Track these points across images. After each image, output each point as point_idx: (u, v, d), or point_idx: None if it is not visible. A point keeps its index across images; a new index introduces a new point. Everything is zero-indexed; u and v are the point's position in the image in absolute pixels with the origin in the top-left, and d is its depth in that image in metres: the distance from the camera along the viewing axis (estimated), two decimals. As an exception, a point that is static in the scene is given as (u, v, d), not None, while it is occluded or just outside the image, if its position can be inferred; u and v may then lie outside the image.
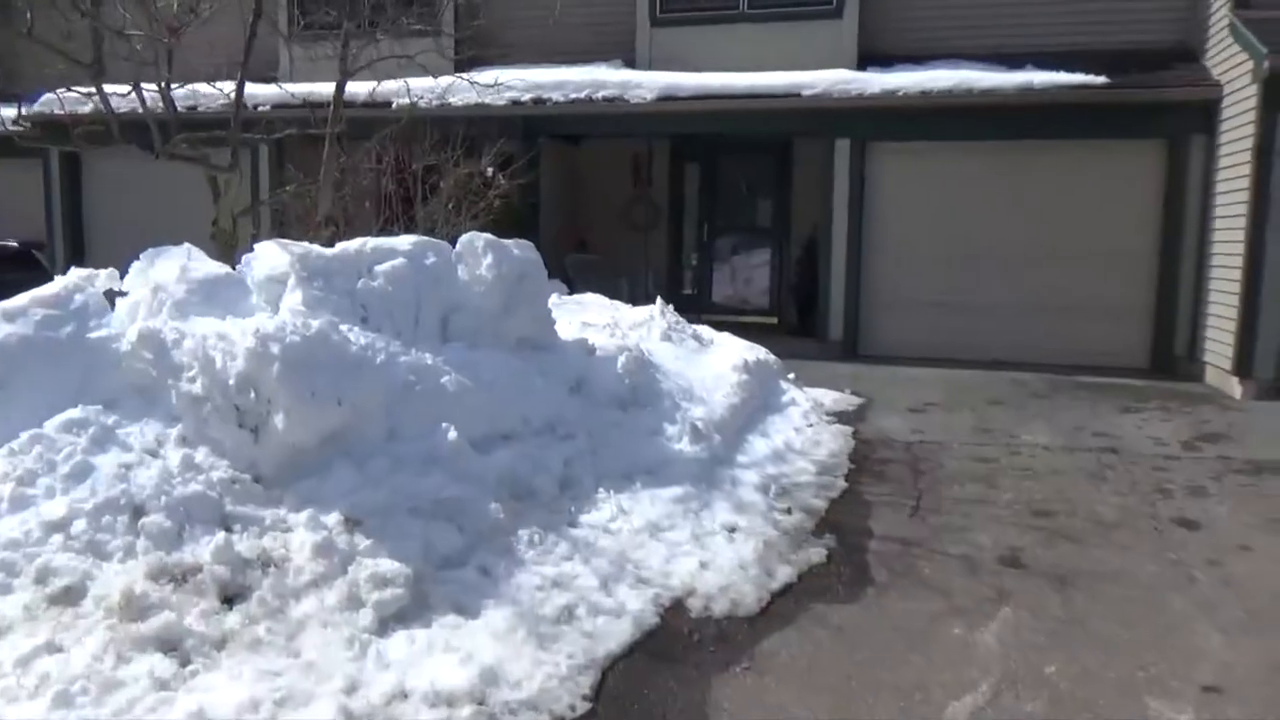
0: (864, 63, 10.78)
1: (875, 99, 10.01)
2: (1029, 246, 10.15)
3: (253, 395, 3.97)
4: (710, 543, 4.66)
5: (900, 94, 9.92)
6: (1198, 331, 9.51)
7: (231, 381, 3.97)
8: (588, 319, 7.74)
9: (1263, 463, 6.30)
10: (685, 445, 5.78)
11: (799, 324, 11.75)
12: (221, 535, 3.59)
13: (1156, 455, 6.49)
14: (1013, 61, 10.14)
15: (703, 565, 4.40)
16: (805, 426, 7.03)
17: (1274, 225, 8.11)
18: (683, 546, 4.59)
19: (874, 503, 5.52)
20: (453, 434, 4.53)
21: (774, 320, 12.51)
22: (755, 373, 7.46)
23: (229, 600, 3.41)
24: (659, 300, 8.33)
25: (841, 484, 5.83)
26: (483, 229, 9.69)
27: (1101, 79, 9.54)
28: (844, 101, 10.07)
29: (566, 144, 12.69)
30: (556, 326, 6.83)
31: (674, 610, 4.02)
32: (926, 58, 10.59)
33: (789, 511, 5.27)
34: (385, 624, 3.48)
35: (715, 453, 5.86)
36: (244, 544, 3.63)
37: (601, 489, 5.03)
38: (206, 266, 4.64)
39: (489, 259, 5.54)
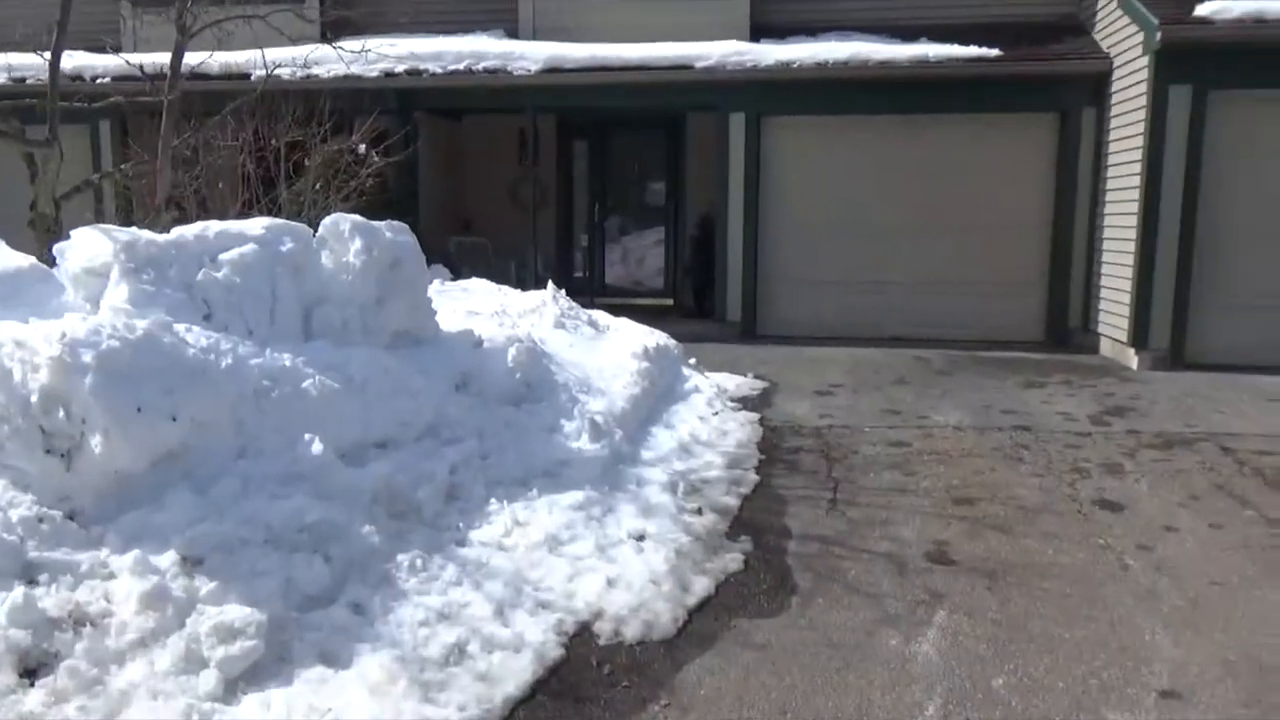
0: (757, 34, 10.45)
1: (770, 71, 9.67)
2: (926, 221, 10.02)
3: (62, 414, 3.27)
4: (617, 555, 4.18)
5: (795, 65, 9.61)
6: (1091, 303, 9.56)
7: (34, 398, 3.27)
8: (474, 306, 7.15)
9: (1171, 435, 6.23)
10: (585, 443, 5.30)
11: (696, 306, 11.39)
12: (21, 590, 2.91)
13: (1068, 432, 6.35)
14: (906, 34, 9.97)
15: (610, 583, 3.93)
16: (710, 415, 6.63)
17: (1166, 197, 8.13)
18: (586, 561, 4.10)
19: (789, 497, 5.16)
20: (317, 446, 3.92)
21: (670, 302, 12.13)
22: (656, 360, 7.02)
23: (30, 673, 2.75)
24: (550, 284, 7.80)
25: (753, 477, 5.45)
26: (355, 211, 8.94)
27: (995, 51, 9.44)
28: (738, 74, 9.69)
29: (447, 119, 11.97)
30: (439, 316, 6.24)
31: (580, 638, 3.54)
32: (821, 30, 10.34)
33: (700, 512, 4.85)
34: (234, 686, 2.87)
35: (617, 450, 5.40)
36: (51, 599, 2.96)
37: (494, 499, 4.50)
38: (2, 258, 3.87)
39: (357, 243, 4.90)
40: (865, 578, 4.11)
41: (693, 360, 8.10)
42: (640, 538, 4.38)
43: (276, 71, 10.38)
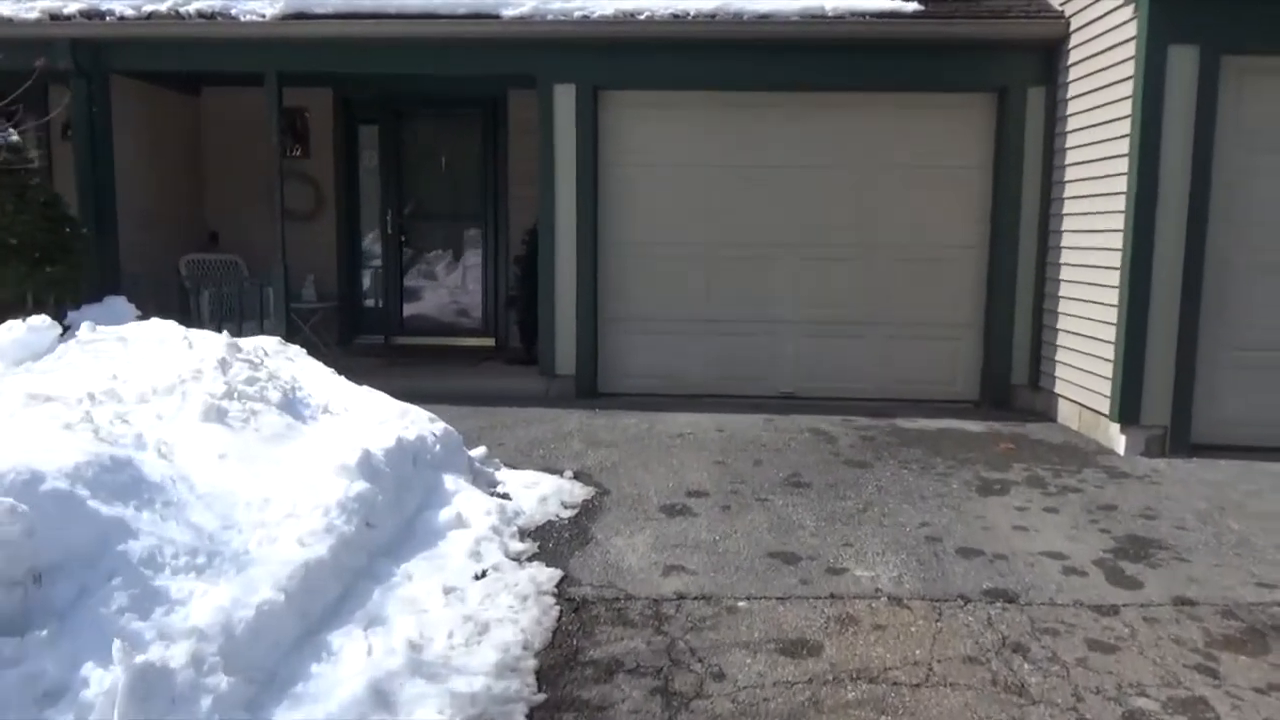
0: (595, -19, 7.66)
1: (609, 25, 6.89)
2: (825, 241, 7.41)
3: None
4: None
5: (644, 17, 6.85)
6: (1041, 352, 7.10)
7: None
8: (60, 388, 4.04)
9: (1250, 611, 3.64)
10: (112, 735, 2.35)
11: (525, 348, 8.50)
12: None
13: (1078, 606, 3.69)
14: (794, -14, 7.35)
15: None
16: (470, 580, 3.74)
17: (1165, 209, 5.67)
18: None
19: None
20: None
21: (491, 342, 9.20)
22: (389, 472, 4.09)
23: None
24: (224, 338, 4.77)
25: (505, 774, 2.58)
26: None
27: (912, 5, 6.92)
28: (563, 26, 6.87)
29: (178, 92, 8.74)
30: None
31: None
32: (680, -22, 7.63)
33: None
34: None
35: (198, 739, 2.46)
36: None
37: None
38: None
39: None
40: None
41: (480, 450, 5.23)
42: None
43: (-116, 9, 7.07)
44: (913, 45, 6.99)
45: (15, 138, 6.38)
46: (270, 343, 6.36)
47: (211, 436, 3.94)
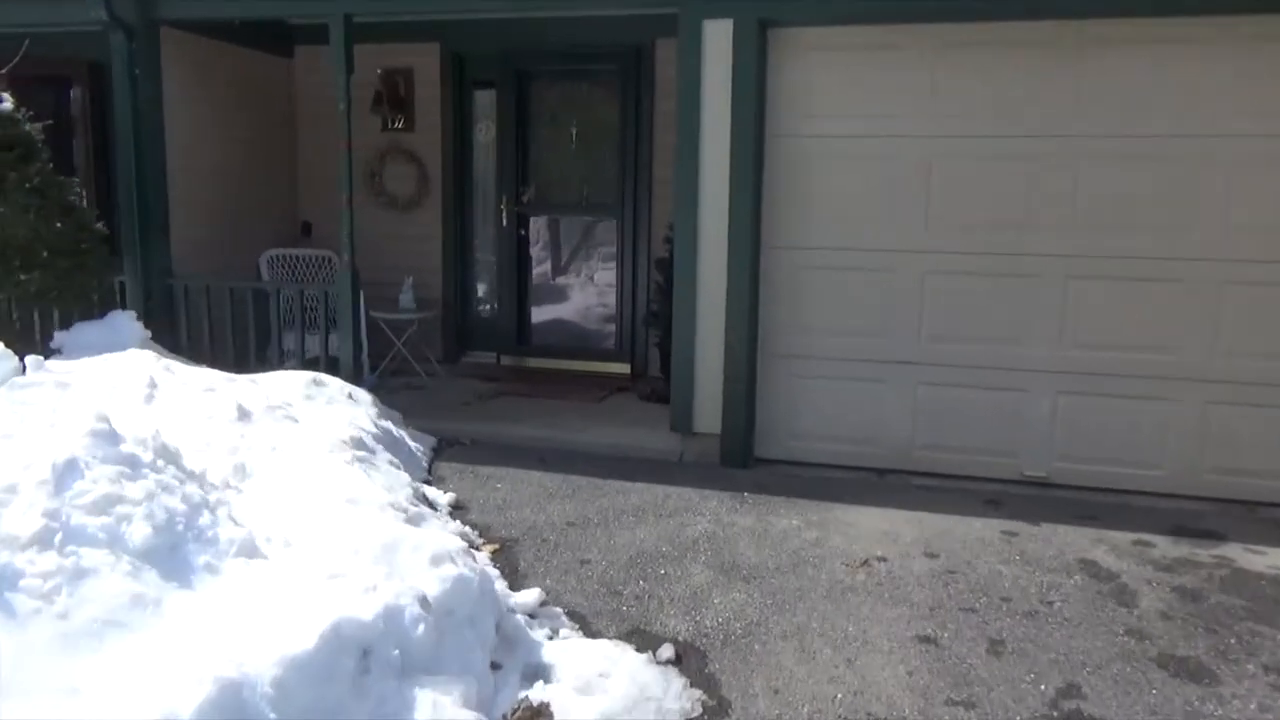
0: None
1: (784, -73, 4.64)
2: (1113, 251, 4.85)
3: None
4: None
5: (837, -88, 4.55)
6: None
7: None
8: None
9: None
10: None
11: (665, 379, 6.43)
12: None
13: None
14: None
15: None
16: None
17: None
18: None
19: None
20: None
21: (626, 368, 7.19)
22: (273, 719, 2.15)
23: None
24: (92, 419, 2.91)
25: None
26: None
27: None
28: (716, -69, 4.70)
29: (266, 53, 7.25)
30: None
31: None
32: None
33: None
34: None
35: None
36: None
37: None
38: None
39: None
40: None
41: (530, 596, 3.35)
42: None
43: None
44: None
45: (7, 105, 4.98)
46: (292, 382, 4.67)
47: None
